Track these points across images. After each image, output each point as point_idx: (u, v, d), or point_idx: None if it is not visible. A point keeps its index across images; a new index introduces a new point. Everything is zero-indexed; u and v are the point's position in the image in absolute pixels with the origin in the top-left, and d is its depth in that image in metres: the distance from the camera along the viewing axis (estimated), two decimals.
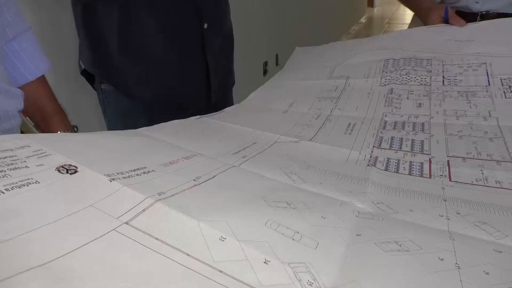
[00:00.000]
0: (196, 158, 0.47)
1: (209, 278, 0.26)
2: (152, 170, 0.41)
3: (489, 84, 0.69)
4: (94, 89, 0.88)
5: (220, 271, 0.27)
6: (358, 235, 0.35)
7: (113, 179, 0.35)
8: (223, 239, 0.30)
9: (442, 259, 0.31)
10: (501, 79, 0.69)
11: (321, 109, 0.72)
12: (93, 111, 1.09)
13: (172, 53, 0.79)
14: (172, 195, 0.35)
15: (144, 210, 0.32)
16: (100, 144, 0.46)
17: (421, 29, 0.96)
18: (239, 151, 0.53)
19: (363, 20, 5.33)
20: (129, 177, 0.37)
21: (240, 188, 0.40)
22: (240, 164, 0.48)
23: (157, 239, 0.29)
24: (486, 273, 0.30)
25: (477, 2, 0.92)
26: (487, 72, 0.72)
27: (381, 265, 0.30)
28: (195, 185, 0.39)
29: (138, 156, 0.45)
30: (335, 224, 0.36)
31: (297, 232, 0.33)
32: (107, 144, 0.47)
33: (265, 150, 0.55)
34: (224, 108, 0.75)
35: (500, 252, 0.33)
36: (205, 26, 0.80)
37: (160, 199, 0.34)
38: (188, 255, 0.28)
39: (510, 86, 0.67)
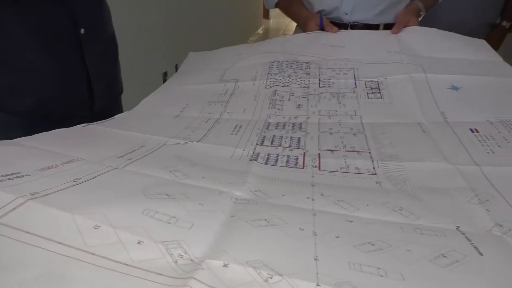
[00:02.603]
0: (77, 163, 0.47)
1: (81, 260, 0.28)
2: (27, 175, 0.40)
3: (356, 86, 0.79)
4: None
5: (93, 254, 0.28)
6: (233, 216, 0.38)
7: None
8: (97, 227, 0.31)
9: (302, 229, 0.36)
10: (365, 82, 0.80)
11: (211, 113, 0.75)
12: None
13: (47, 60, 0.75)
14: (47, 194, 0.35)
15: (14, 209, 0.32)
16: None
17: (302, 35, 1.05)
18: (125, 154, 0.53)
19: (260, 31, 5.59)
20: (0, 181, 0.37)
21: (120, 186, 0.41)
22: (124, 166, 0.48)
23: (27, 232, 0.30)
24: (337, 237, 0.35)
25: (346, 14, 1.04)
26: (354, 76, 0.82)
27: (248, 237, 0.34)
28: (73, 185, 0.39)
29: (12, 162, 0.43)
30: (212, 209, 0.39)
31: (174, 217, 0.35)
32: None
33: (152, 152, 0.56)
34: (112, 116, 0.74)
35: (351, 221, 0.39)
36: (82, 31, 0.78)
37: (32, 198, 0.34)
38: (60, 243, 0.29)
39: (372, 88, 0.77)
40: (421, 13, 1.00)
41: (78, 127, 0.65)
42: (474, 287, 0.29)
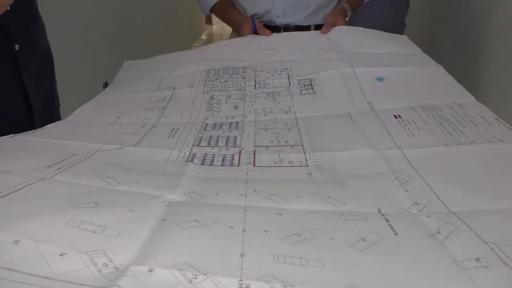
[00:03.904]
0: None
1: None
2: None
3: (290, 85, 0.81)
4: None
5: (11, 270, 0.28)
6: (163, 220, 0.38)
7: None
8: (17, 242, 0.30)
9: (232, 227, 0.37)
10: (298, 80, 0.82)
11: (148, 118, 0.74)
12: None
13: None
14: None
15: None
16: None
17: (236, 40, 1.07)
18: (56, 163, 0.52)
19: (203, 37, 5.55)
20: None
21: (46, 197, 0.40)
22: (52, 176, 0.47)
23: None
24: (265, 231, 0.37)
25: (278, 16, 1.07)
26: (288, 75, 0.85)
27: (177, 240, 0.34)
28: None
29: None
30: (142, 215, 0.38)
31: (100, 226, 0.35)
32: None
33: (85, 160, 0.55)
34: None
35: (281, 214, 0.41)
36: (17, 47, 0.75)
37: None
38: None
39: (305, 85, 0.80)
40: (348, 13, 1.06)
41: (4, 138, 0.62)
42: (388, 266, 0.32)
